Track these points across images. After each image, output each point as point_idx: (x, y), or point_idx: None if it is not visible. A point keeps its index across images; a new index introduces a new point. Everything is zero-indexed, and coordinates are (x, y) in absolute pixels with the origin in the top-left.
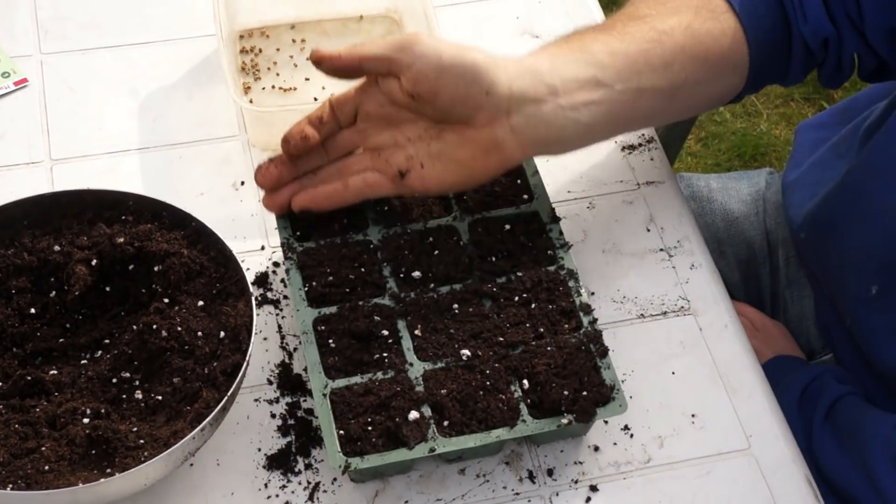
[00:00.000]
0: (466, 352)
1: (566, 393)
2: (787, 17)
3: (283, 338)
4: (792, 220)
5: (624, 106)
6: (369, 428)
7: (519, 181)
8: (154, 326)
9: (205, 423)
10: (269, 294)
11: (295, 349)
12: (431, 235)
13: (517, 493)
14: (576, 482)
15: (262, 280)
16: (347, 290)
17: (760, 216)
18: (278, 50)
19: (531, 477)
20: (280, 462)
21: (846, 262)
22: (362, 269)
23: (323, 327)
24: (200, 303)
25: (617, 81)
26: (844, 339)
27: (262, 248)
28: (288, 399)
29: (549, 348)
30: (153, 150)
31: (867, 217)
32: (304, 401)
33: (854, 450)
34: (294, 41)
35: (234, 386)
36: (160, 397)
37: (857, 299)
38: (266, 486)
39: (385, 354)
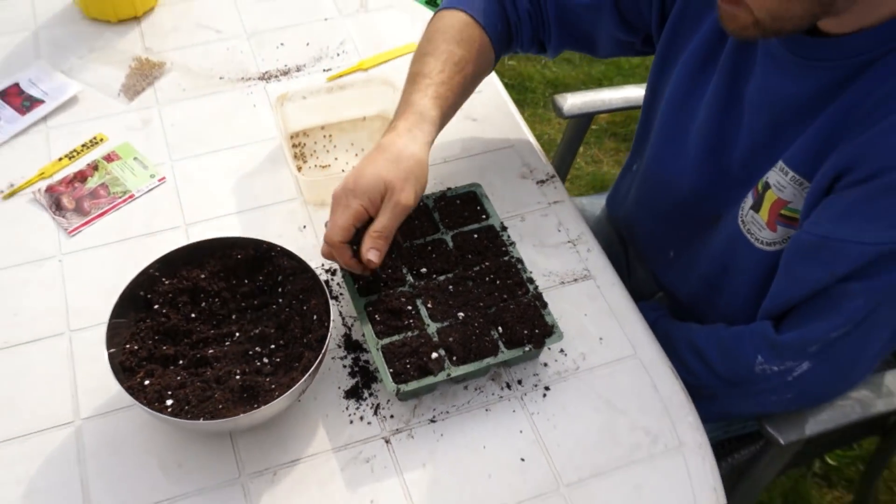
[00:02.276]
0: (461, 314)
1: (525, 332)
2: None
3: (343, 318)
4: (613, 220)
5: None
6: (407, 366)
7: (478, 208)
8: (274, 310)
9: (310, 372)
10: (330, 292)
11: (352, 325)
12: (429, 245)
13: (501, 397)
14: (535, 386)
15: (325, 284)
16: (382, 284)
17: (610, 219)
18: (315, 142)
19: (508, 386)
20: (353, 393)
21: (649, 241)
22: (390, 270)
23: (370, 308)
24: (293, 302)
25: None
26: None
27: (323, 264)
28: (352, 356)
29: (511, 306)
30: (248, 210)
31: (655, 219)
32: (363, 356)
33: (671, 352)
34: (325, 136)
35: (324, 348)
36: (278, 359)
37: (658, 262)
38: (346, 409)
39: (411, 321)
